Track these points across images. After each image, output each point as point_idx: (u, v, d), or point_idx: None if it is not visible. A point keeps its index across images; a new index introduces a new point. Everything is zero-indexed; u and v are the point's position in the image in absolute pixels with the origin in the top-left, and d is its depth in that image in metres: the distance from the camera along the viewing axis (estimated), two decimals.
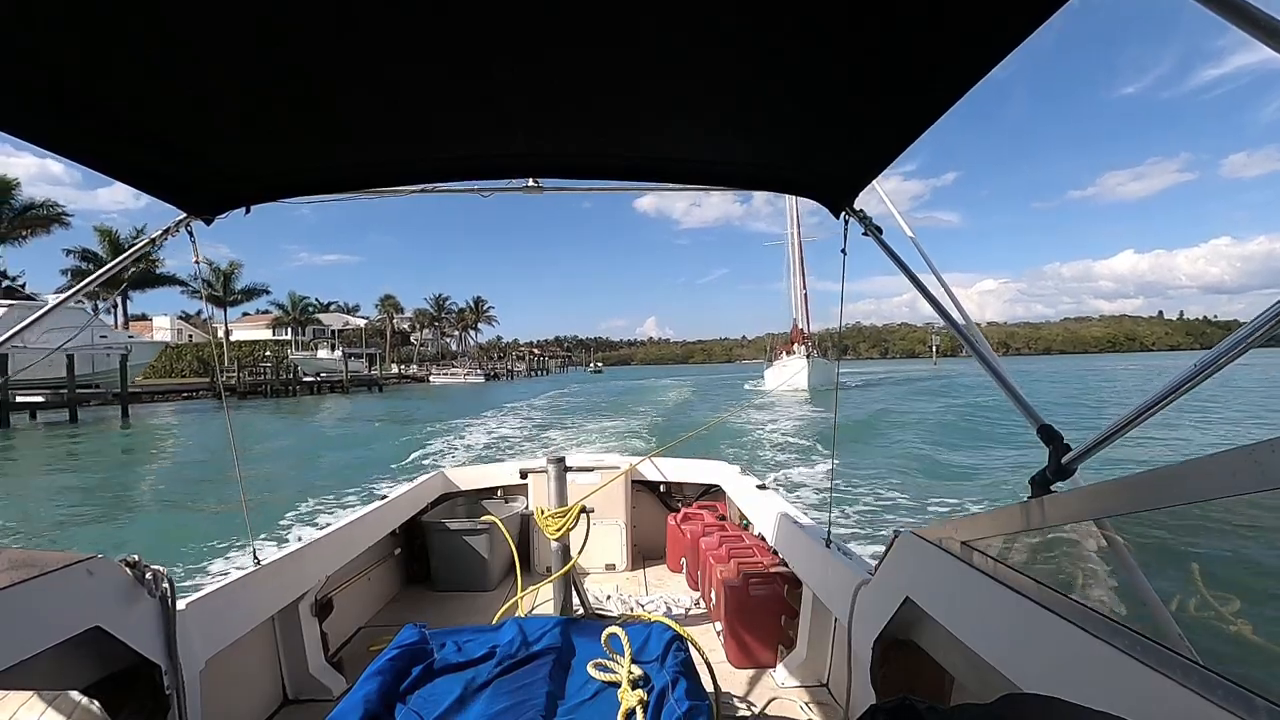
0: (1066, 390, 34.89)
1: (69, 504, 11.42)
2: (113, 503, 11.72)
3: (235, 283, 57.68)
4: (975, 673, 1.41)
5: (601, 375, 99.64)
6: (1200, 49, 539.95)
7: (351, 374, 55.55)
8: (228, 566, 6.52)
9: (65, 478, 14.28)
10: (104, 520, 10.17)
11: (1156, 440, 13.04)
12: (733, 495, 3.99)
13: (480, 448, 17.38)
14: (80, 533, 9.34)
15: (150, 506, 11.25)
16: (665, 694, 1.51)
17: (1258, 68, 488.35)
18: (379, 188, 2.07)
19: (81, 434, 23.67)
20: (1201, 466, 0.84)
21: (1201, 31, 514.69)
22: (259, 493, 11.08)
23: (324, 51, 1.15)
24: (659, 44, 1.16)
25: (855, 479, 11.06)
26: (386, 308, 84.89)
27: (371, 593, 3.52)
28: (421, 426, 23.61)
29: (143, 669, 1.62)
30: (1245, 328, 0.87)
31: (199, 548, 7.70)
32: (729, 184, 2.10)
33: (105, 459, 17.93)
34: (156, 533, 9.07)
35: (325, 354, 61.20)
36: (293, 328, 68.17)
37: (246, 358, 52.16)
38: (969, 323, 1.65)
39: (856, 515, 8.67)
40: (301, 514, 9.40)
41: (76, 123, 1.30)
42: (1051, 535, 1.25)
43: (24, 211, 38.41)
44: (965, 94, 1.20)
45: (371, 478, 12.21)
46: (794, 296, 47.75)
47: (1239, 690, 0.81)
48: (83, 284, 2.08)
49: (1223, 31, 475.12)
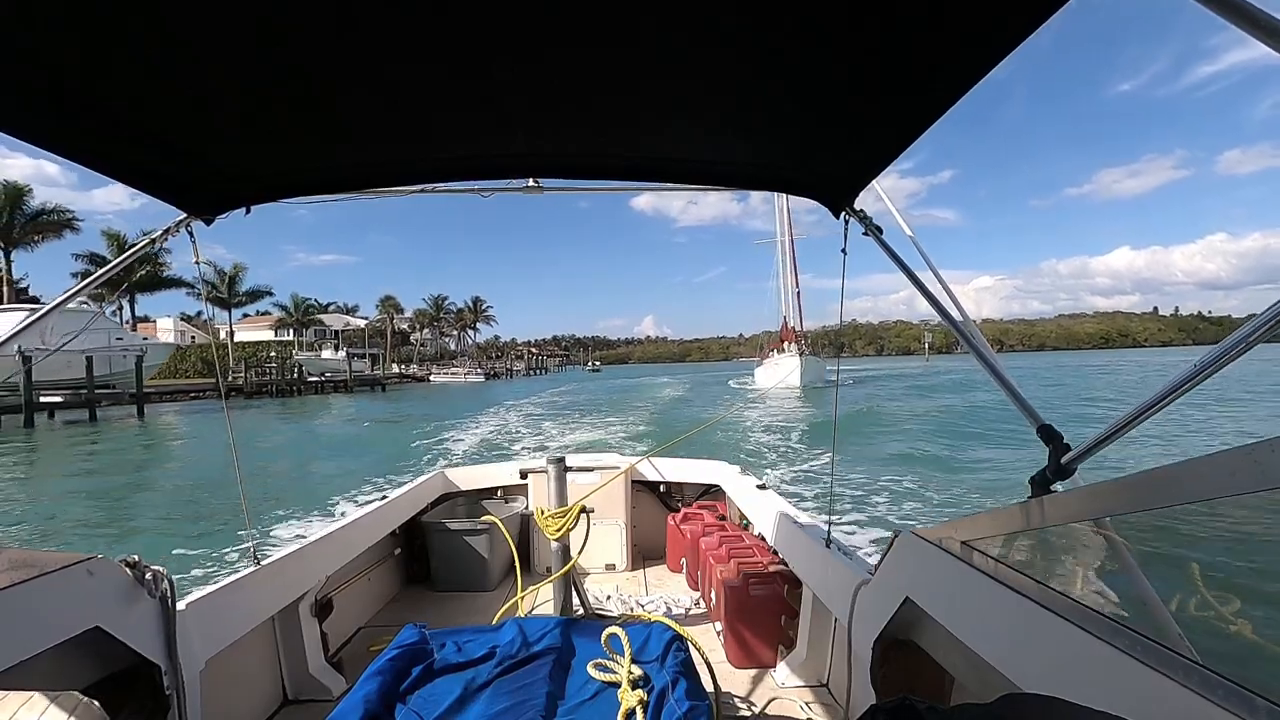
0: (1053, 384, 35.56)
1: (95, 503, 11.55)
2: (135, 501, 11.87)
3: (239, 285, 58.47)
4: (975, 673, 1.41)
5: (600, 374, 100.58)
6: (1197, 47, 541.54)
7: (355, 374, 56.15)
8: (246, 557, 6.52)
9: (88, 478, 14.41)
10: (126, 519, 10.33)
11: (1155, 439, 13.06)
12: (733, 495, 3.99)
13: (491, 436, 19.42)
14: (103, 532, 9.44)
15: (172, 505, 11.31)
16: (665, 694, 1.51)
17: (1250, 64, 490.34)
18: (379, 188, 2.07)
19: (101, 433, 24.04)
20: (1201, 466, 0.84)
21: (1198, 29, 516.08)
22: (277, 494, 11.17)
23: (324, 51, 1.15)
24: (659, 44, 1.16)
25: (841, 472, 11.39)
26: (387, 308, 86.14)
27: (371, 593, 3.52)
28: (434, 422, 24.48)
29: (143, 669, 1.62)
30: (1245, 327, 0.87)
31: (213, 539, 7.81)
32: (729, 184, 2.10)
33: (129, 457, 18.36)
34: (184, 525, 9.20)
35: (329, 354, 61.65)
36: (295, 329, 69.06)
37: (251, 358, 51.81)
38: (968, 322, 1.65)
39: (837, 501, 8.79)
40: (326, 511, 9.57)
41: (77, 123, 1.30)
42: (1051, 535, 1.25)
43: (35, 217, 39.43)
44: (965, 94, 1.20)
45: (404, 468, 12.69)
46: (784, 294, 47.90)
47: (1239, 690, 0.81)
48: (83, 284, 2.08)
49: (1217, 29, 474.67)
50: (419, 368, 79.76)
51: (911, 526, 1.72)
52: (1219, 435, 14.57)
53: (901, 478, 11.06)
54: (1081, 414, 19.98)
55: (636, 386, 51.27)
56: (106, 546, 8.63)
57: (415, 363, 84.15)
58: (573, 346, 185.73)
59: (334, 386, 51.85)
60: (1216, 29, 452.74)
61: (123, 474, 14.92)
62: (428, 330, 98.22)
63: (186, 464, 16.68)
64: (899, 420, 20.82)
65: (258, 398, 43.28)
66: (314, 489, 11.59)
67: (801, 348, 41.80)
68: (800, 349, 41.40)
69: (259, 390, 45.17)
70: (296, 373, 50.74)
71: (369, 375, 61.22)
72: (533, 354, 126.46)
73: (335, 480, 12.24)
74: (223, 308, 56.29)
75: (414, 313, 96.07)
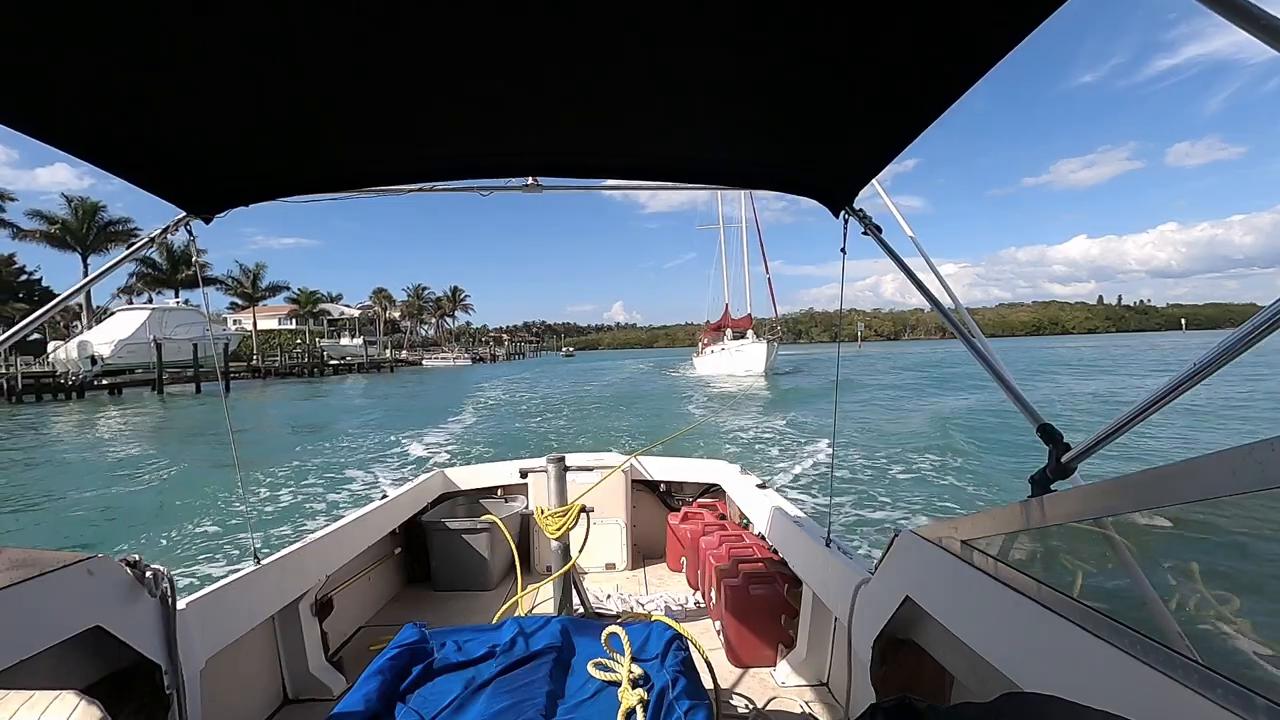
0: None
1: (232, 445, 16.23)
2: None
3: (261, 280, 66.30)
4: (975, 672, 1.41)
5: (574, 359, 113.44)
6: (1156, 39, 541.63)
7: (358, 359, 65.60)
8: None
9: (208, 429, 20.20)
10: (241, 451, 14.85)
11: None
12: (732, 494, 3.99)
13: (515, 387, 32.05)
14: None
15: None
16: (665, 693, 1.51)
17: (1205, 59, 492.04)
18: (379, 186, 2.07)
19: (207, 401, 31.18)
20: (1201, 466, 0.83)
21: (1155, 25, 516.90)
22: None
23: (323, 51, 1.15)
24: (660, 45, 1.16)
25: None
26: (380, 299, 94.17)
27: (371, 592, 3.52)
28: (463, 384, 36.56)
29: (143, 668, 1.62)
30: (1245, 326, 0.86)
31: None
32: (729, 183, 2.11)
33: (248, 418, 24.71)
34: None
35: (347, 340, 71.81)
36: (305, 318, 76.16)
37: (281, 345, 62.58)
38: (967, 321, 1.65)
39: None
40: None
41: (78, 120, 1.30)
42: (1051, 535, 1.25)
43: (106, 228, 47.97)
44: (965, 93, 1.20)
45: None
46: (741, 280, 48.66)
47: (1239, 689, 0.81)
48: (85, 281, 2.09)
49: (1173, 24, 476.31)
50: (408, 353, 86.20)
51: (911, 525, 1.72)
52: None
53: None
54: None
55: (607, 367, 66.87)
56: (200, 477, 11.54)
57: (406, 348, 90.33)
58: (543, 333, 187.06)
59: (348, 369, 60.96)
60: (1173, 23, 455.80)
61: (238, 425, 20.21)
62: (408, 319, 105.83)
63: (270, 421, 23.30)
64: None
65: (289, 378, 51.93)
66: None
67: (778, 332, 42.50)
68: (777, 334, 41.90)
69: (290, 371, 53.97)
70: (320, 356, 61.08)
71: (376, 359, 70.16)
72: (511, 340, 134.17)
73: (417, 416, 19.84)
74: (248, 301, 63.65)
75: (403, 303, 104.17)
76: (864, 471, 10.75)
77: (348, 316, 78.67)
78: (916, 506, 8.71)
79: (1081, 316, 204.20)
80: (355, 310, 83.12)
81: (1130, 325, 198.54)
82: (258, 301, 64.40)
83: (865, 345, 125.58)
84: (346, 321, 77.22)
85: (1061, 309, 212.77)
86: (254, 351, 12.79)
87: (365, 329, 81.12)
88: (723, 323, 46.60)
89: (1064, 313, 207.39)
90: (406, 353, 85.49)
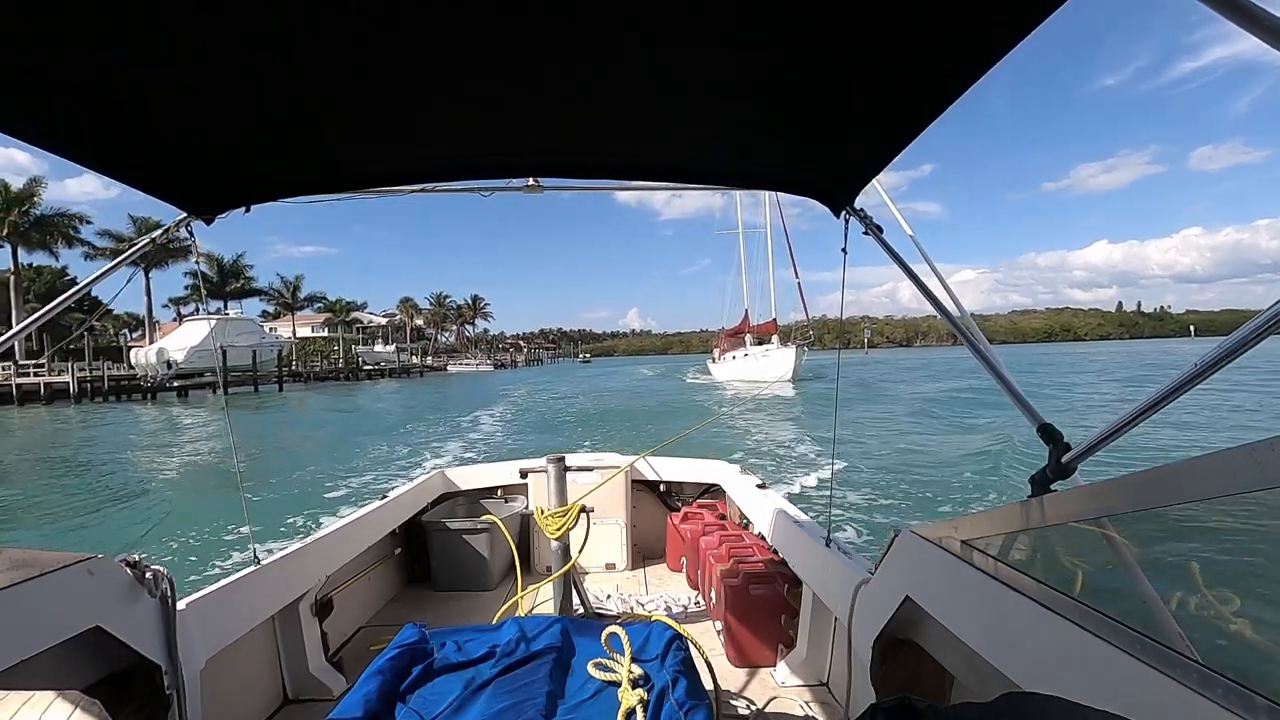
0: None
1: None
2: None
3: (300, 291, 73.00)
4: (975, 671, 1.41)
5: (590, 364, 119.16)
6: (1179, 42, 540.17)
7: (391, 364, 70.07)
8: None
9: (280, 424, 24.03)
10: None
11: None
12: (733, 495, 3.99)
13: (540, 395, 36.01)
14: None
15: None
16: (665, 693, 1.51)
17: (1230, 61, 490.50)
18: (380, 187, 2.07)
19: (264, 400, 36.18)
20: (1201, 466, 0.84)
21: (1181, 26, 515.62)
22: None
23: (323, 51, 1.15)
24: (660, 45, 1.16)
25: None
26: (406, 308, 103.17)
27: (371, 593, 3.52)
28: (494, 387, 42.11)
29: (143, 669, 1.62)
30: (1246, 327, 0.86)
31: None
32: (730, 184, 2.11)
33: (282, 414, 28.80)
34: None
35: (380, 347, 78.07)
36: (338, 326, 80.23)
37: (318, 352, 66.22)
38: (968, 320, 1.66)
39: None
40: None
41: (77, 123, 1.30)
42: (1051, 534, 1.25)
43: (168, 244, 50.64)
44: (965, 93, 1.20)
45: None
46: (766, 286, 48.21)
47: (1239, 689, 0.81)
48: (84, 284, 2.08)
49: (1200, 25, 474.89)
50: (433, 359, 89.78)
51: (911, 525, 1.72)
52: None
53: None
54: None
55: (623, 371, 73.95)
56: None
57: (431, 355, 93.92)
58: (559, 339, 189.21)
59: (380, 373, 65.09)
60: (1198, 25, 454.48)
61: (299, 426, 23.73)
62: (431, 327, 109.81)
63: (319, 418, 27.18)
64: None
65: (327, 381, 55.72)
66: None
67: (810, 336, 41.93)
68: (808, 338, 41.40)
69: (327, 376, 57.82)
70: (356, 362, 65.09)
71: (406, 364, 74.61)
72: (529, 347, 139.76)
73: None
74: (287, 310, 69.38)
75: (427, 310, 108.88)
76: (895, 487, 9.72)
77: (376, 324, 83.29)
78: (916, 506, 8.71)
79: (1094, 323, 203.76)
80: (382, 318, 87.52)
81: (1145, 331, 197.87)
82: (297, 311, 68.42)
83: (875, 352, 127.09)
84: (377, 329, 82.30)
85: (1075, 315, 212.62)
86: (293, 357, 14.00)
87: (394, 336, 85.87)
88: (742, 328, 46.35)
89: (1077, 319, 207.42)
90: (431, 359, 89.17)
